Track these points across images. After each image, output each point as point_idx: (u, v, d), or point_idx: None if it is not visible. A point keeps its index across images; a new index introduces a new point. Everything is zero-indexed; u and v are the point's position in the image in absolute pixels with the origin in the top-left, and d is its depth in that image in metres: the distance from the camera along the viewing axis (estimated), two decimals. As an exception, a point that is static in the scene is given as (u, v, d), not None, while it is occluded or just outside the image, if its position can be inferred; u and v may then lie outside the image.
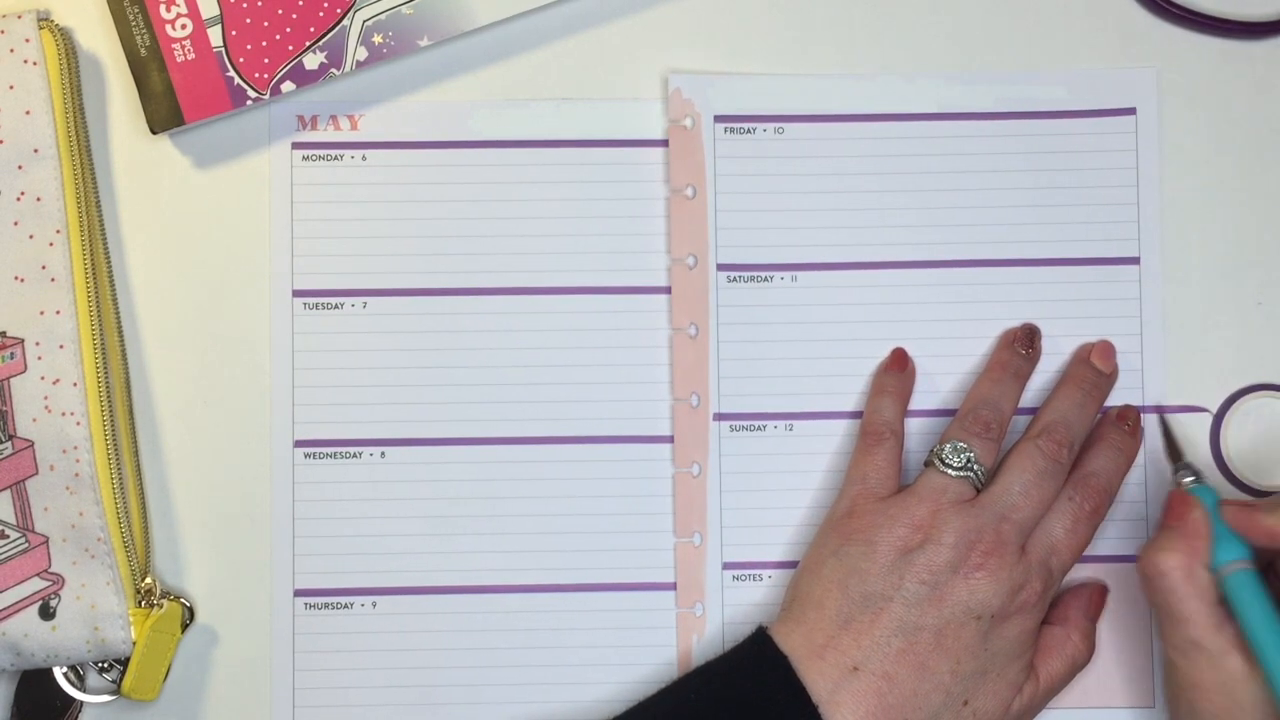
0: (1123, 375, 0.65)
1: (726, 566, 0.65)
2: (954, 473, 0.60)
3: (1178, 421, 0.65)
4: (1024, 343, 0.64)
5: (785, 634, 0.60)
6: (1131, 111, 0.66)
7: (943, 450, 0.61)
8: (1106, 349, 0.65)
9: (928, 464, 0.62)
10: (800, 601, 0.61)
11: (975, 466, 0.61)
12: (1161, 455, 0.65)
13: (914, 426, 0.65)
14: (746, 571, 0.65)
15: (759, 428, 0.65)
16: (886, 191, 0.66)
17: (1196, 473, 0.62)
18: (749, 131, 0.66)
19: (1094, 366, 0.64)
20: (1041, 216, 0.66)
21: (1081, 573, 0.65)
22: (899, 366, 0.64)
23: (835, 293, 0.65)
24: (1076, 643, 0.62)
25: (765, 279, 0.65)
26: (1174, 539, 0.59)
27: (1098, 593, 0.64)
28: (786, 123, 0.66)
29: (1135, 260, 0.66)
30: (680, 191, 0.65)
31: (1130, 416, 0.64)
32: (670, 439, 0.65)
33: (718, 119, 0.66)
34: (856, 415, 0.65)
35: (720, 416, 0.65)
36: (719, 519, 0.65)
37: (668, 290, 0.65)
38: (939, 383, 0.65)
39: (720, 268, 0.65)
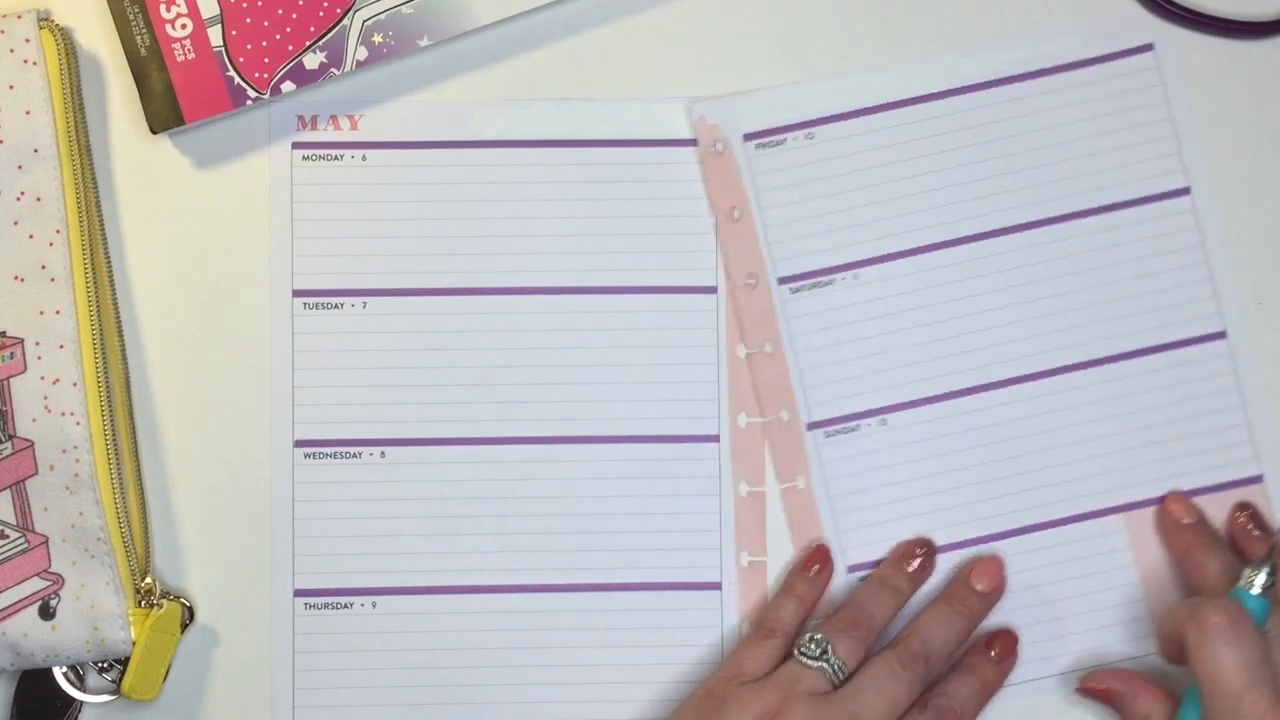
0: (1196, 302, 0.65)
1: (851, 569, 0.65)
2: (810, 662, 0.60)
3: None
4: (909, 560, 0.64)
5: None
6: (1149, 48, 0.66)
7: (803, 640, 0.61)
8: (989, 567, 0.64)
9: (787, 655, 0.61)
10: None
11: (833, 659, 0.60)
12: None
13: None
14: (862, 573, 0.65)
15: (853, 428, 0.65)
16: (924, 174, 0.66)
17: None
18: (780, 143, 0.66)
19: (972, 587, 0.63)
20: (1080, 168, 0.65)
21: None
22: (812, 569, 0.64)
23: (896, 282, 0.65)
24: None
25: (827, 283, 0.65)
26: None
27: None
28: (814, 127, 0.66)
29: (1185, 191, 0.65)
30: (726, 215, 0.65)
31: (998, 644, 0.63)
32: (671, 438, 0.65)
33: (747, 137, 0.66)
34: (947, 397, 0.65)
35: (813, 425, 0.65)
36: (834, 524, 0.65)
37: (667, 289, 0.65)
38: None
39: (780, 281, 0.65)
